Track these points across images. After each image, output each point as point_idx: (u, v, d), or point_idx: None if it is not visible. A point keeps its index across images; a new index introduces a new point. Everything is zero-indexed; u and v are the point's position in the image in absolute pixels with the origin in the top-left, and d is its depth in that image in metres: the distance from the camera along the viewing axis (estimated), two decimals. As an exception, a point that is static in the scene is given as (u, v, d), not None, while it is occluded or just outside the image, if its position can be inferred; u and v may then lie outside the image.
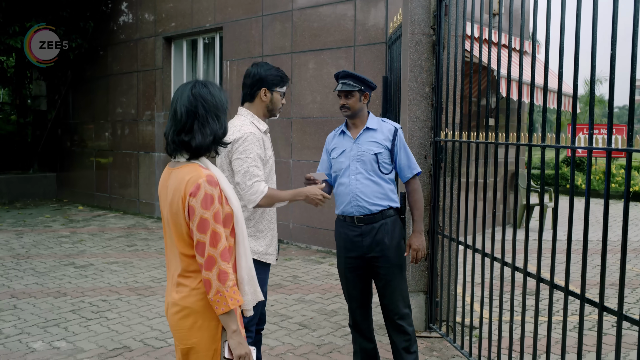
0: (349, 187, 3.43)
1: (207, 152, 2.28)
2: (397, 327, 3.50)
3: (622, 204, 3.10)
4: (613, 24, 2.69)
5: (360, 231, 3.43)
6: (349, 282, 3.56)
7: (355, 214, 3.43)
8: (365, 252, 3.45)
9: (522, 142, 3.50)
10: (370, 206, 3.40)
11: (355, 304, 3.58)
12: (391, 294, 3.46)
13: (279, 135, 8.27)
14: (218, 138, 2.26)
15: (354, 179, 3.42)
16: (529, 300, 5.05)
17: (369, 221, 3.41)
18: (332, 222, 8.21)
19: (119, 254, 7.58)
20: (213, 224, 2.14)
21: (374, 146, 3.44)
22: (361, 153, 3.43)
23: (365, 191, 3.40)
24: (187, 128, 2.21)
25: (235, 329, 2.18)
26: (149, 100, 10.68)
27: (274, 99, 3.18)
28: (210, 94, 2.25)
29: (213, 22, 9.40)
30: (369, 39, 7.35)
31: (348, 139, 3.51)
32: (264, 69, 3.15)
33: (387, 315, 3.52)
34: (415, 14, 4.55)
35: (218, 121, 2.25)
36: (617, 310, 2.73)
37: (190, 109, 2.22)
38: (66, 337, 4.57)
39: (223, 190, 2.25)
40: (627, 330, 4.69)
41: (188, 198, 2.15)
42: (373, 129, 3.48)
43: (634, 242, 8.42)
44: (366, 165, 3.42)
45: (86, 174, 12.30)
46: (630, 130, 2.61)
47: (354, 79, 3.45)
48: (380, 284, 3.48)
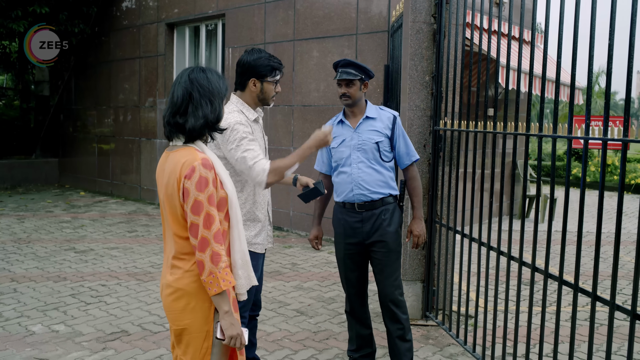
0: (351, 176, 3.44)
1: (201, 136, 2.30)
2: (391, 314, 3.52)
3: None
4: (611, 15, 2.68)
5: (360, 217, 3.45)
6: (347, 268, 3.59)
7: (356, 201, 3.45)
8: (364, 238, 3.47)
9: (520, 131, 3.50)
10: (371, 194, 3.43)
11: (352, 290, 3.61)
12: (386, 279, 3.48)
13: (280, 123, 8.27)
14: (210, 122, 2.28)
15: (355, 167, 3.43)
16: (525, 290, 5.07)
17: (369, 207, 3.44)
18: (330, 210, 8.23)
19: (120, 239, 7.62)
20: (207, 206, 2.17)
21: (375, 135, 3.44)
22: (362, 142, 3.43)
23: (367, 179, 3.42)
24: (181, 110, 2.26)
25: (228, 310, 2.20)
26: (151, 86, 10.68)
27: (264, 89, 3.09)
28: (206, 79, 2.29)
29: (216, 8, 9.37)
30: (372, 27, 7.32)
31: (347, 128, 3.50)
32: (254, 58, 3.05)
33: (382, 302, 3.54)
34: (416, 2, 4.53)
35: (211, 105, 2.27)
36: (610, 300, 2.74)
37: (186, 93, 2.26)
38: (65, 320, 4.61)
39: (218, 174, 2.28)
40: (623, 322, 4.70)
41: (183, 180, 2.18)
42: (372, 118, 3.48)
43: (632, 233, 8.41)
44: (367, 154, 3.43)
45: (88, 159, 12.33)
46: (626, 121, 2.61)
47: (355, 67, 3.42)
48: (377, 269, 3.50)
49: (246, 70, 3.07)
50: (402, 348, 3.53)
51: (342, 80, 3.41)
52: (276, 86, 3.14)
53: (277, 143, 8.20)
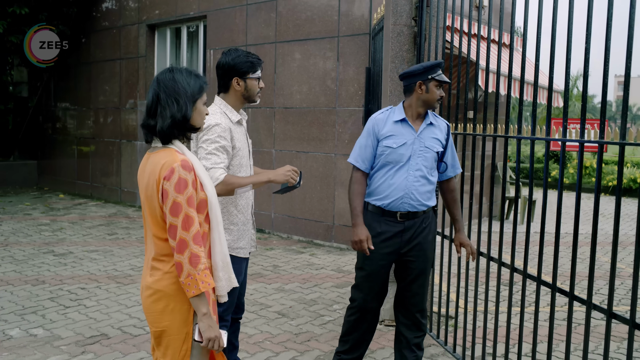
0: (406, 182, 3.22)
1: (171, 136, 2.28)
2: (416, 322, 3.37)
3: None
4: (588, 19, 2.73)
5: (402, 227, 3.26)
6: (378, 276, 3.33)
7: (400, 210, 3.24)
8: (401, 247, 3.28)
9: (500, 133, 3.54)
10: (419, 205, 3.25)
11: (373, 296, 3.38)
12: (419, 287, 3.34)
13: (261, 125, 8.26)
14: (177, 121, 2.25)
15: (412, 175, 3.22)
16: (505, 291, 5.12)
17: (412, 217, 3.26)
18: (312, 212, 8.18)
19: (99, 242, 7.55)
20: (186, 207, 2.17)
21: (436, 144, 3.28)
22: (424, 149, 3.24)
23: (420, 190, 3.24)
24: (152, 112, 2.28)
25: (206, 312, 2.20)
26: (131, 88, 10.60)
27: (248, 86, 3.07)
28: (172, 79, 2.29)
29: (197, 10, 9.34)
30: (353, 29, 7.35)
31: (409, 130, 3.25)
32: (232, 57, 3.03)
33: (408, 310, 3.37)
34: (397, 5, 4.56)
35: (177, 104, 2.25)
36: (587, 299, 2.78)
37: (155, 95, 2.28)
38: (43, 324, 4.55)
39: (198, 176, 2.28)
40: (600, 321, 4.76)
41: (162, 182, 2.18)
42: (434, 125, 3.30)
43: (609, 235, 8.53)
44: (427, 162, 3.25)
45: (67, 162, 12.20)
46: (602, 123, 2.65)
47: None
48: (411, 276, 3.32)
49: (227, 71, 3.04)
50: (419, 356, 3.40)
51: (445, 82, 3.23)
52: (259, 82, 3.12)
53: (258, 145, 8.19)
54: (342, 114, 7.47)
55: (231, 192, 2.92)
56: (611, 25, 2.60)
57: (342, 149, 7.43)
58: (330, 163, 7.59)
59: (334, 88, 7.53)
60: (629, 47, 2.50)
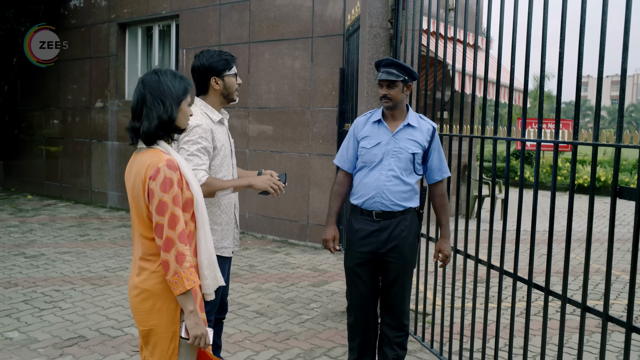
0: (378, 182, 3.25)
1: (157, 138, 2.30)
2: (398, 322, 3.37)
3: (568, 195, 3.27)
4: (562, 24, 2.83)
5: (378, 226, 3.27)
6: (356, 278, 3.37)
7: (374, 209, 3.28)
8: (379, 247, 3.29)
9: (476, 134, 3.63)
10: (393, 206, 3.25)
11: (360, 301, 3.39)
12: (399, 289, 3.33)
13: (235, 125, 8.26)
14: (163, 122, 2.28)
15: (384, 175, 3.25)
16: (480, 288, 5.24)
17: (388, 217, 3.27)
18: (287, 212, 8.22)
19: (71, 243, 7.45)
20: (172, 206, 2.19)
21: (413, 145, 3.26)
22: (399, 150, 3.25)
23: (393, 190, 3.24)
24: (137, 114, 2.30)
25: (192, 309, 2.23)
26: (102, 87, 10.47)
27: (226, 84, 3.09)
28: (158, 81, 2.31)
29: (169, 9, 9.28)
30: (327, 30, 7.40)
31: (385, 131, 3.29)
32: (207, 58, 3.05)
33: (390, 310, 3.37)
34: (373, 7, 4.62)
35: (163, 106, 2.28)
36: (562, 294, 2.88)
37: (140, 97, 2.30)
38: (19, 327, 4.49)
39: (184, 175, 2.31)
40: (571, 315, 4.92)
41: (148, 181, 2.21)
42: (413, 126, 3.29)
43: (577, 232, 8.78)
44: (401, 163, 3.25)
45: (35, 162, 11.97)
46: (576, 125, 2.76)
47: (399, 67, 3.22)
48: (390, 278, 3.32)
49: (203, 72, 3.06)
50: (400, 355, 3.40)
51: (383, 80, 3.21)
52: (236, 78, 3.15)
53: (232, 145, 8.17)
54: (316, 114, 7.52)
55: (212, 194, 2.95)
56: (584, 31, 2.71)
57: (316, 149, 7.48)
58: (304, 163, 7.63)
59: (308, 88, 7.58)
60: (601, 51, 2.61)
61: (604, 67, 2.61)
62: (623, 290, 5.89)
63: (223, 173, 3.11)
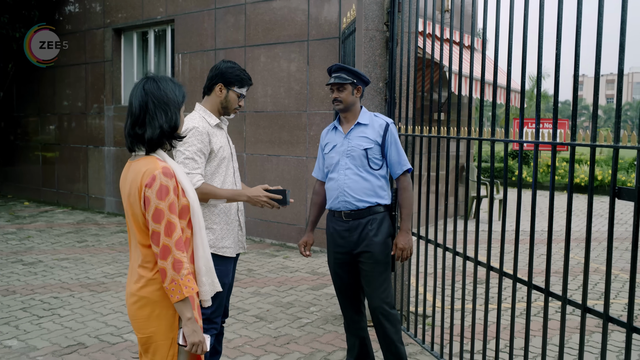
0: (338, 182, 3.41)
1: (160, 145, 2.31)
2: (381, 328, 3.43)
3: (566, 195, 3.26)
4: (558, 25, 2.83)
5: (347, 226, 3.40)
6: (337, 277, 3.53)
7: (342, 209, 3.40)
8: (352, 248, 3.41)
9: (473, 136, 3.63)
10: (357, 202, 3.36)
11: (345, 299, 3.57)
12: (374, 291, 3.39)
13: (232, 128, 8.26)
14: (166, 130, 2.29)
15: (342, 174, 3.40)
16: (480, 289, 5.24)
17: (356, 217, 3.38)
18: (285, 216, 8.23)
19: (69, 250, 7.43)
20: (168, 214, 2.19)
21: (364, 141, 3.39)
22: (351, 148, 3.39)
23: (353, 187, 3.37)
24: (140, 121, 2.29)
25: (190, 316, 2.23)
26: (97, 93, 10.45)
27: (228, 96, 3.14)
28: (158, 88, 2.31)
29: (164, 14, 9.27)
30: (322, 33, 7.41)
31: (339, 134, 3.47)
32: (227, 66, 3.13)
33: (372, 314, 3.45)
34: (369, 10, 4.63)
35: (165, 114, 2.29)
36: (562, 295, 2.88)
37: (142, 104, 2.29)
38: (17, 335, 4.47)
39: (180, 182, 2.31)
40: (571, 315, 4.92)
41: (144, 189, 2.21)
42: (364, 124, 3.42)
43: (574, 231, 8.79)
44: (355, 160, 3.38)
45: (32, 168, 11.95)
46: (573, 125, 2.76)
47: (347, 71, 3.39)
48: (365, 280, 3.42)
49: (216, 75, 3.13)
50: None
51: (333, 84, 3.38)
52: (240, 100, 3.17)
53: (229, 149, 8.16)
54: (313, 117, 7.52)
55: (205, 200, 2.99)
56: (580, 33, 2.71)
57: (313, 152, 7.48)
58: (301, 166, 7.63)
59: (304, 91, 7.58)
60: (597, 51, 2.61)
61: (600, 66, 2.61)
62: (622, 289, 5.90)
63: (220, 176, 3.12)
